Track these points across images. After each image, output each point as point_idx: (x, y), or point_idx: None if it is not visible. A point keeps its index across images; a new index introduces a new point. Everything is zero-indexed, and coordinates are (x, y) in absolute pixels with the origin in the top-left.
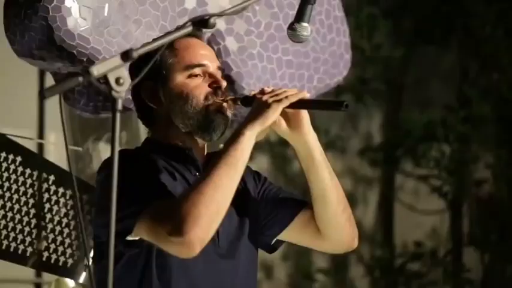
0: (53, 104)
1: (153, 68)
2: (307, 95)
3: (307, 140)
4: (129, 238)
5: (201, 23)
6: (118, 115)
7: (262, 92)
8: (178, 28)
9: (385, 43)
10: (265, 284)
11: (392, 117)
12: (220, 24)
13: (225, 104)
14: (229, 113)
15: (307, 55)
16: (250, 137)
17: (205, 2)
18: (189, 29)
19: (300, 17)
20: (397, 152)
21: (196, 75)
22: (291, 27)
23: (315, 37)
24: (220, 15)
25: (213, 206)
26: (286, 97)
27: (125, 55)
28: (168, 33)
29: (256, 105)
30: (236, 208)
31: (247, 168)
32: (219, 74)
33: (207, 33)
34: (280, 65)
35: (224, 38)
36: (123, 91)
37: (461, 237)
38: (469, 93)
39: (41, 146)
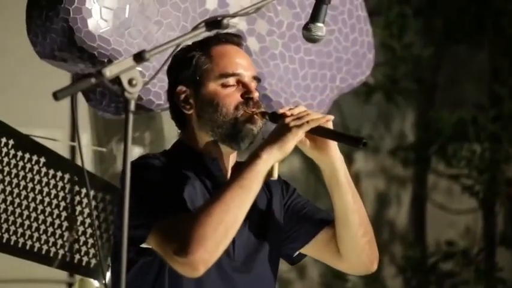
0: (84, 105)
1: (187, 73)
2: (330, 119)
3: (333, 162)
4: (142, 246)
5: (214, 24)
6: (131, 116)
7: (288, 111)
8: (193, 29)
9: (416, 42)
10: (297, 284)
11: (424, 117)
12: (242, 24)
13: (255, 116)
14: (258, 125)
15: (329, 55)
16: (266, 160)
17: (227, 3)
18: (202, 30)
19: (314, 17)
20: (428, 151)
21: (229, 85)
22: (306, 28)
23: (337, 37)
24: (233, 16)
25: (221, 228)
26: (308, 122)
27: (138, 56)
28: (184, 34)
29: (278, 128)
30: (258, 220)
31: (277, 177)
32: (253, 84)
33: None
34: (303, 65)
35: (246, 38)
36: (136, 92)
37: (493, 236)
38: (499, 92)
39: (73, 148)
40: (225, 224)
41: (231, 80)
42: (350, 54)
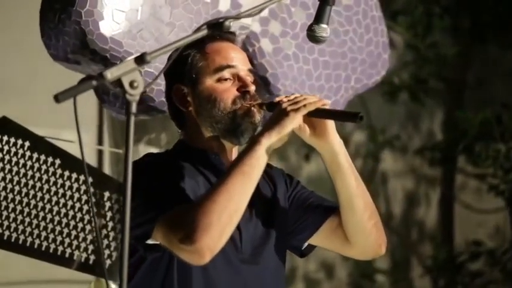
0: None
1: (183, 71)
2: (327, 103)
3: (333, 146)
4: (149, 242)
5: (216, 25)
6: (132, 118)
7: (284, 98)
8: (195, 31)
9: (442, 42)
10: (326, 284)
11: (451, 116)
12: (255, 26)
13: (253, 108)
14: (257, 117)
15: (344, 55)
16: (265, 145)
17: (240, 4)
18: (204, 32)
19: (318, 18)
20: (454, 151)
21: (225, 79)
22: (310, 29)
23: (352, 37)
24: (236, 18)
25: (226, 215)
26: (305, 105)
27: (139, 59)
28: (186, 36)
29: (275, 113)
30: (264, 213)
31: (280, 171)
32: (249, 78)
33: (241, 35)
34: (317, 65)
35: (259, 39)
36: (137, 94)
37: None
38: None
39: (99, 151)
40: (228, 211)
41: (227, 73)
42: (365, 55)
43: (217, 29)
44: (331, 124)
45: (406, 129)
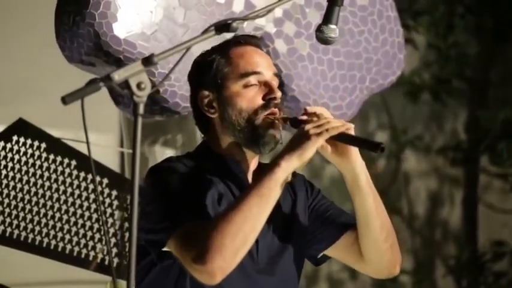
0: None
1: (208, 77)
2: (351, 127)
3: (354, 167)
4: (163, 249)
5: (224, 27)
6: (140, 119)
7: (309, 117)
8: (203, 32)
9: (465, 41)
10: (349, 284)
11: (474, 116)
12: (269, 26)
13: (277, 122)
14: (280, 130)
15: (358, 56)
16: (285, 169)
17: (253, 5)
18: (211, 33)
19: (327, 18)
20: (477, 150)
21: (251, 85)
22: (319, 29)
23: (367, 38)
24: (243, 19)
25: (240, 237)
26: (327, 130)
27: (146, 60)
28: (194, 38)
29: (298, 135)
30: (282, 222)
31: (302, 178)
32: (275, 82)
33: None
34: (331, 66)
35: (273, 40)
36: (144, 96)
37: None
38: None
39: (122, 153)
40: (243, 233)
41: (252, 79)
42: (380, 55)
43: (225, 30)
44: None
45: (430, 129)
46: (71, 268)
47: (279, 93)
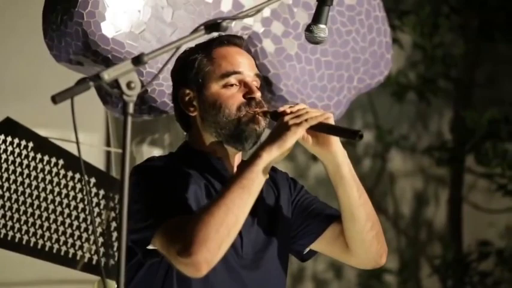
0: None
1: (190, 75)
2: (330, 116)
3: (336, 157)
4: (148, 247)
5: (213, 26)
6: (129, 119)
7: (288, 109)
8: (192, 32)
9: (450, 41)
10: (334, 284)
11: (460, 116)
12: (257, 26)
13: (258, 116)
14: (262, 124)
15: (346, 56)
16: (266, 160)
17: (242, 5)
18: (201, 32)
19: (316, 18)
20: (462, 150)
21: (231, 85)
22: (308, 29)
23: (354, 37)
24: (233, 18)
25: (223, 229)
26: (306, 120)
27: (136, 59)
28: (183, 37)
29: (277, 127)
30: (266, 217)
31: (284, 175)
32: (255, 83)
33: (243, 36)
34: (319, 66)
35: (261, 40)
36: (134, 95)
37: None
38: None
39: (108, 153)
40: (226, 225)
41: (233, 79)
42: (368, 55)
43: (215, 30)
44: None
45: (415, 129)
46: (58, 267)
47: (258, 94)
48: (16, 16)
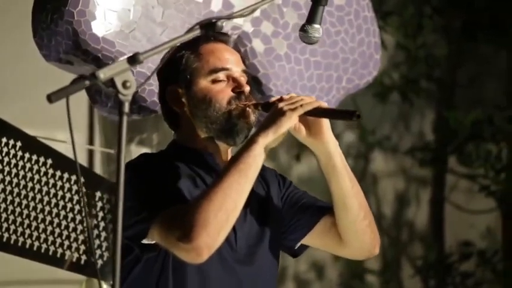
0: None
1: (177, 72)
2: (324, 104)
3: (328, 146)
4: (145, 241)
5: (208, 25)
6: (125, 118)
7: (280, 99)
8: (188, 31)
9: (433, 42)
10: (316, 284)
11: (442, 117)
12: (247, 26)
13: (248, 109)
14: (252, 118)
15: (335, 56)
16: (262, 145)
17: (232, 4)
18: (197, 32)
19: (311, 18)
20: (445, 151)
21: (220, 80)
22: (303, 29)
23: (343, 38)
24: (228, 18)
25: (222, 214)
26: (301, 105)
27: (132, 59)
28: (179, 36)
29: (272, 113)
30: (258, 213)
31: (273, 172)
32: (243, 79)
33: (233, 36)
34: (308, 66)
35: (251, 39)
36: (130, 94)
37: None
38: None
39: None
40: (225, 210)
41: (221, 75)
42: (357, 55)
43: (210, 29)
44: (326, 124)
45: (397, 129)
46: (46, 267)
47: (247, 88)
48: (6, 16)
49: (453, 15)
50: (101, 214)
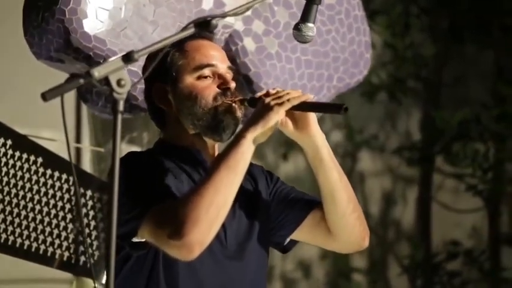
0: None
1: (163, 70)
2: (310, 97)
3: (315, 140)
4: (135, 240)
5: (203, 24)
6: (119, 117)
7: (267, 93)
8: (182, 30)
9: (420, 41)
10: (303, 283)
11: (429, 116)
12: (238, 24)
13: (234, 105)
14: (238, 114)
15: (326, 55)
16: (251, 139)
17: (223, 3)
18: (191, 30)
19: (305, 17)
20: (432, 150)
21: (205, 77)
22: (297, 28)
23: (334, 36)
24: (222, 16)
25: (213, 210)
26: (288, 100)
27: (126, 57)
28: (173, 35)
29: (259, 108)
30: (246, 209)
31: (260, 168)
32: (229, 75)
33: (224, 34)
34: (299, 64)
35: (242, 38)
36: (124, 92)
37: (498, 235)
38: (503, 91)
39: (77, 149)
40: (216, 205)
41: (207, 71)
42: (347, 54)
43: (205, 28)
44: (313, 118)
45: (384, 129)
46: (36, 266)
47: (233, 84)
48: None
49: (440, 15)
50: (91, 213)
